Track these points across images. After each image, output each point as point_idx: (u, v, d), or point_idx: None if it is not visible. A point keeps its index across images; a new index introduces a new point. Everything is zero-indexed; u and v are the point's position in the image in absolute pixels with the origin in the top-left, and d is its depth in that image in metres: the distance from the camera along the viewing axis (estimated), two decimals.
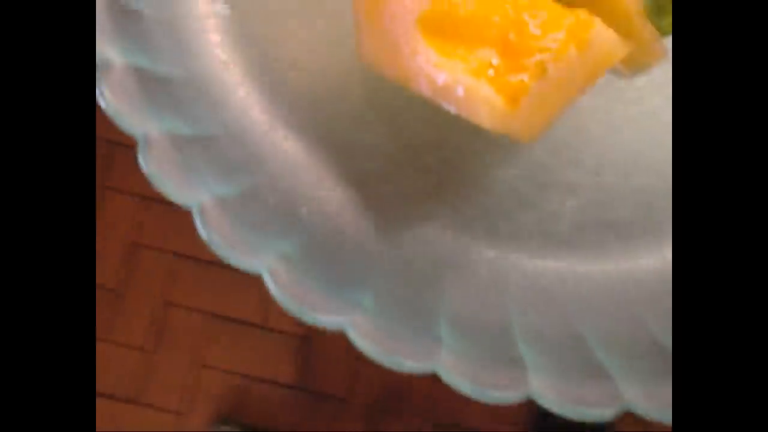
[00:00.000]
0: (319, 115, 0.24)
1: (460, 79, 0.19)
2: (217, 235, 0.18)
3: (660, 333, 0.20)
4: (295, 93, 0.24)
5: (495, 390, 0.18)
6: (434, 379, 0.17)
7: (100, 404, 0.28)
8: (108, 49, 0.19)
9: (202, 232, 0.18)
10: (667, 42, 0.26)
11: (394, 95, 0.24)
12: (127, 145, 0.29)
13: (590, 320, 0.21)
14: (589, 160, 0.24)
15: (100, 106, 0.19)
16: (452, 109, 0.20)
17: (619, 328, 0.20)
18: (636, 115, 0.25)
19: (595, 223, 0.24)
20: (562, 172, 0.24)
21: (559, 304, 0.22)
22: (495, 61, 0.20)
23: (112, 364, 0.28)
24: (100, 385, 0.28)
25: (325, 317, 0.18)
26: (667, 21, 0.25)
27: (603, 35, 0.21)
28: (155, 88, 0.20)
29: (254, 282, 0.18)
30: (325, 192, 0.23)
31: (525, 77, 0.19)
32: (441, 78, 0.20)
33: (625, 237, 0.23)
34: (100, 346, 0.28)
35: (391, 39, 0.21)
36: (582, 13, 0.21)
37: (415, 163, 0.24)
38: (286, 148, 0.23)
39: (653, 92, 0.25)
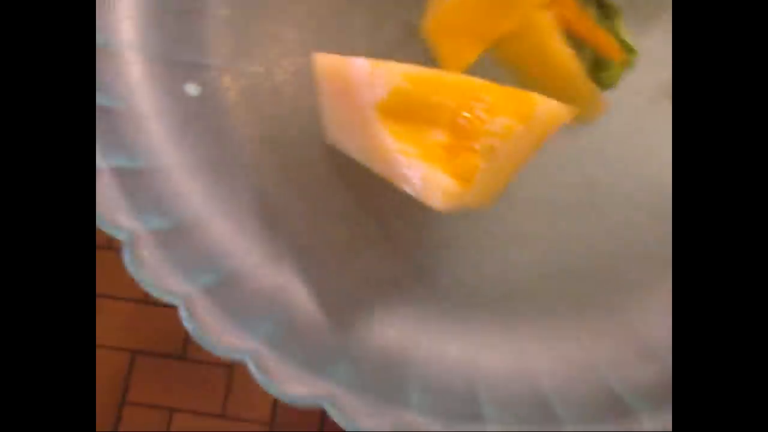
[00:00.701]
0: (284, 185, 0.26)
1: (416, 165, 0.21)
2: (203, 324, 0.20)
3: (617, 382, 0.22)
4: (257, 166, 0.26)
5: None
6: None
7: None
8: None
9: (189, 323, 0.20)
10: (607, 95, 0.28)
11: (358, 165, 0.26)
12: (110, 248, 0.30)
13: (552, 372, 0.23)
14: (543, 211, 0.26)
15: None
16: (410, 192, 0.21)
17: (578, 383, 0.22)
18: (584, 164, 0.27)
19: (554, 270, 0.26)
20: (520, 224, 0.26)
21: (525, 358, 0.24)
22: (447, 144, 0.21)
23: None
24: None
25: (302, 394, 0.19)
26: (606, 74, 0.27)
27: (545, 107, 0.23)
28: (136, 188, 0.22)
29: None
30: (297, 270, 0.24)
31: (475, 159, 0.21)
32: (399, 163, 0.21)
33: (581, 285, 0.25)
34: None
35: (353, 124, 0.23)
36: (524, 92, 0.23)
37: (382, 229, 0.26)
38: (254, 235, 0.24)
39: (600, 142, 0.27)
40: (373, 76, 0.22)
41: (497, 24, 0.24)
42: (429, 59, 0.28)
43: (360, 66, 0.22)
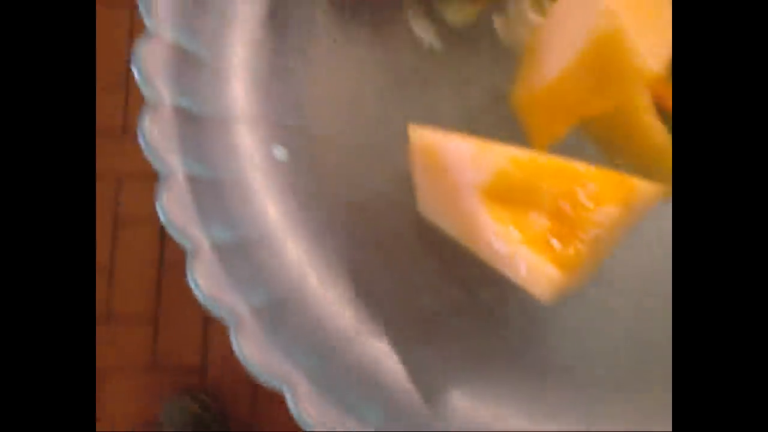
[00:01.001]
0: (373, 252, 0.26)
1: (520, 252, 0.21)
2: (306, 411, 0.20)
3: None
4: (348, 233, 0.26)
5: None
6: None
7: None
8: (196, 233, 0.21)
9: (294, 409, 0.20)
10: None
11: (446, 234, 0.26)
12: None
13: None
14: (629, 288, 0.26)
15: None
16: (512, 278, 0.21)
17: None
18: (669, 241, 0.27)
19: (641, 351, 0.25)
20: (607, 301, 0.26)
21: None
22: (550, 230, 0.21)
23: None
24: None
25: None
26: None
27: (644, 191, 0.23)
28: (237, 261, 0.22)
29: None
30: (378, 334, 0.24)
31: (580, 247, 0.21)
32: (501, 248, 0.21)
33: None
34: None
35: (452, 204, 0.23)
36: (625, 177, 0.22)
37: (470, 299, 0.26)
38: (336, 292, 0.24)
39: None
40: (477, 158, 0.22)
41: (595, 103, 0.24)
42: (514, 128, 0.28)
43: (462, 147, 0.22)
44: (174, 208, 0.21)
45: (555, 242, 0.21)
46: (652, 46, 0.22)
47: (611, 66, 0.23)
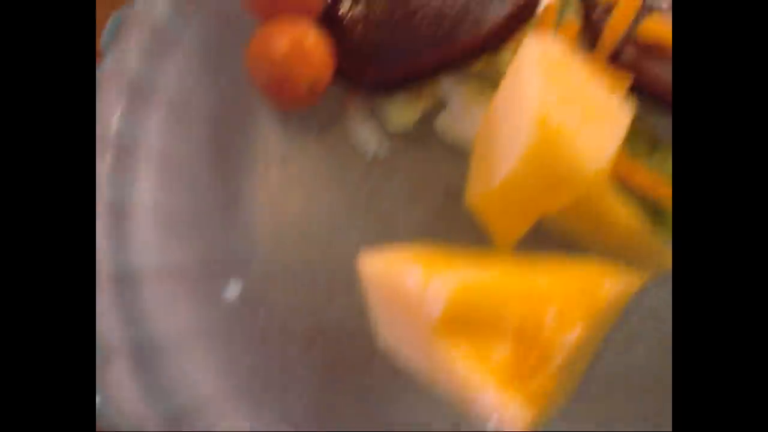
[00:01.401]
0: (337, 388, 0.24)
1: (485, 392, 0.19)
2: None
3: None
4: (311, 375, 0.24)
5: None
6: None
7: None
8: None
9: None
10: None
11: None
12: None
13: None
14: (620, 389, 0.24)
15: None
16: (478, 419, 0.19)
17: None
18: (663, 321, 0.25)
19: None
20: (596, 410, 0.24)
21: None
22: (515, 361, 0.19)
23: None
24: None
25: None
26: (668, 222, 0.25)
27: (615, 289, 0.21)
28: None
29: None
30: None
31: (549, 379, 0.19)
32: (466, 389, 0.19)
33: None
34: None
35: (409, 339, 0.21)
36: (590, 282, 0.21)
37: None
38: None
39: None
40: (427, 291, 0.20)
41: (549, 201, 0.22)
42: (474, 226, 0.26)
43: (413, 280, 0.20)
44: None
45: (520, 373, 0.19)
46: (590, 142, 0.21)
47: (554, 168, 0.21)
